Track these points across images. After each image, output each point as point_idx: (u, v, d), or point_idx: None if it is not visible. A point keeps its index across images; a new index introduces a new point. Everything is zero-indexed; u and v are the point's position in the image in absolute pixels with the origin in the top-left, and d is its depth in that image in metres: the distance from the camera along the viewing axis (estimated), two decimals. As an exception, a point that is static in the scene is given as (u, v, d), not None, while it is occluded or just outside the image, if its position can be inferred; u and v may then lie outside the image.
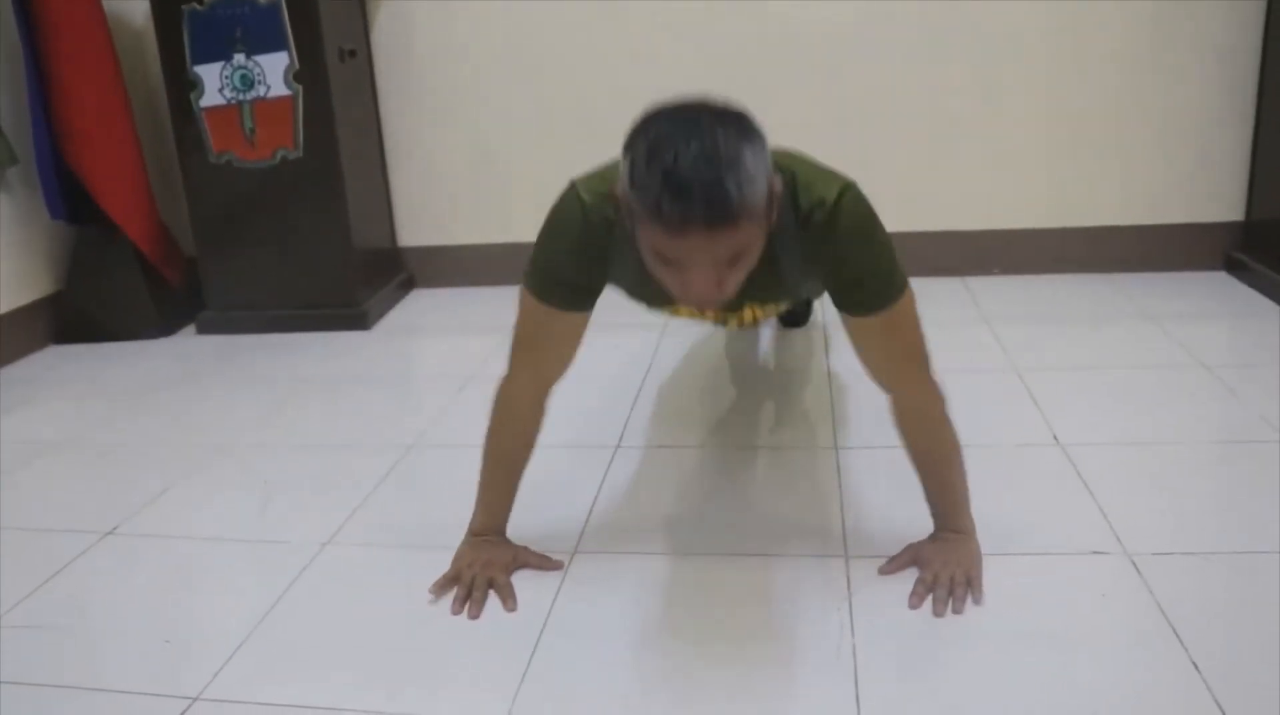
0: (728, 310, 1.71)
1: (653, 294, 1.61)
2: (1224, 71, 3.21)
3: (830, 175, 1.57)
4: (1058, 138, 3.33)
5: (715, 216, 1.27)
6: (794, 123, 3.37)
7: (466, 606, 1.68)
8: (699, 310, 1.79)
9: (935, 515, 1.74)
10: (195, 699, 1.50)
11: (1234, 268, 3.31)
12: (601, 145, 3.54)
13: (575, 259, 1.60)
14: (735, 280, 1.38)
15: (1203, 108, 3.25)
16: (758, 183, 1.30)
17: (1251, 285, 3.17)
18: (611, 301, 1.72)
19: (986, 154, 3.37)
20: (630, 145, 1.35)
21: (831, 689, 1.44)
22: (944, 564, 1.66)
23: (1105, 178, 3.36)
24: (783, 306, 1.93)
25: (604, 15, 3.38)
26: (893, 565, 1.72)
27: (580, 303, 1.64)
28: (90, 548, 1.98)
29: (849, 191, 1.53)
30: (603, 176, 1.56)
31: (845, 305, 1.59)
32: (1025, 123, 3.33)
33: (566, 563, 1.81)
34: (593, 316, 1.67)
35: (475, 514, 1.81)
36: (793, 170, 1.51)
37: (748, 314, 1.86)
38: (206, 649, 1.62)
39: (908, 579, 1.69)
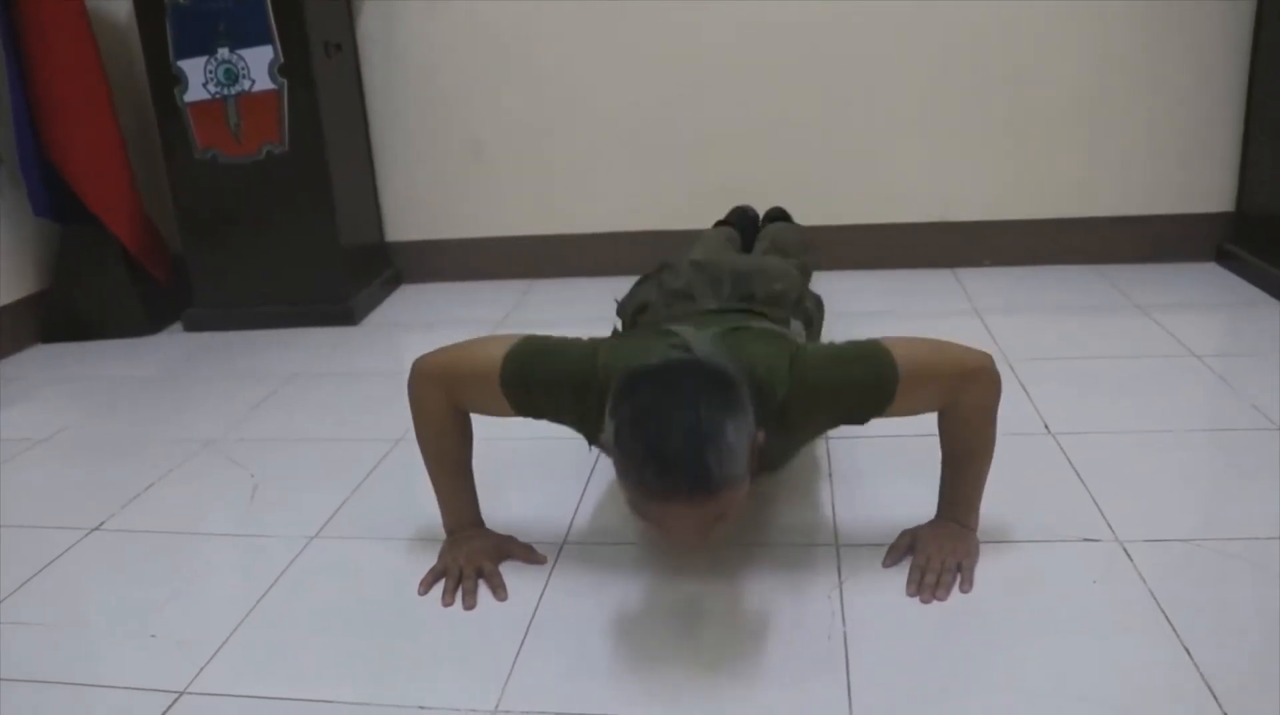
0: None
1: None
2: (1215, 63, 3.21)
3: (778, 348, 1.59)
4: (1047, 128, 3.33)
5: (697, 490, 1.30)
6: (782, 119, 3.39)
7: (459, 597, 1.67)
8: None
9: (944, 504, 1.73)
10: (182, 693, 1.48)
11: (1225, 258, 3.30)
12: (588, 140, 3.57)
13: (554, 404, 1.61)
14: (719, 532, 1.40)
15: (1194, 99, 3.25)
16: (739, 453, 1.33)
17: (1242, 276, 3.17)
18: (602, 293, 1.71)
19: (976, 145, 3.37)
20: (615, 408, 1.37)
21: (822, 675, 1.43)
22: (938, 549, 1.66)
23: (1096, 169, 3.35)
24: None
25: (590, 9, 3.37)
26: (892, 555, 1.71)
27: (529, 413, 1.64)
28: (77, 543, 1.96)
29: (795, 363, 1.54)
30: (622, 354, 1.56)
31: (872, 417, 1.59)
32: (1014, 114, 3.33)
33: (555, 553, 1.80)
34: (584, 308, 1.66)
35: (443, 516, 1.80)
36: (752, 365, 1.52)
37: None
38: (193, 643, 1.60)
39: (898, 567, 1.68)
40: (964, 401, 1.61)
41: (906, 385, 1.53)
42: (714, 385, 1.36)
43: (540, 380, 1.59)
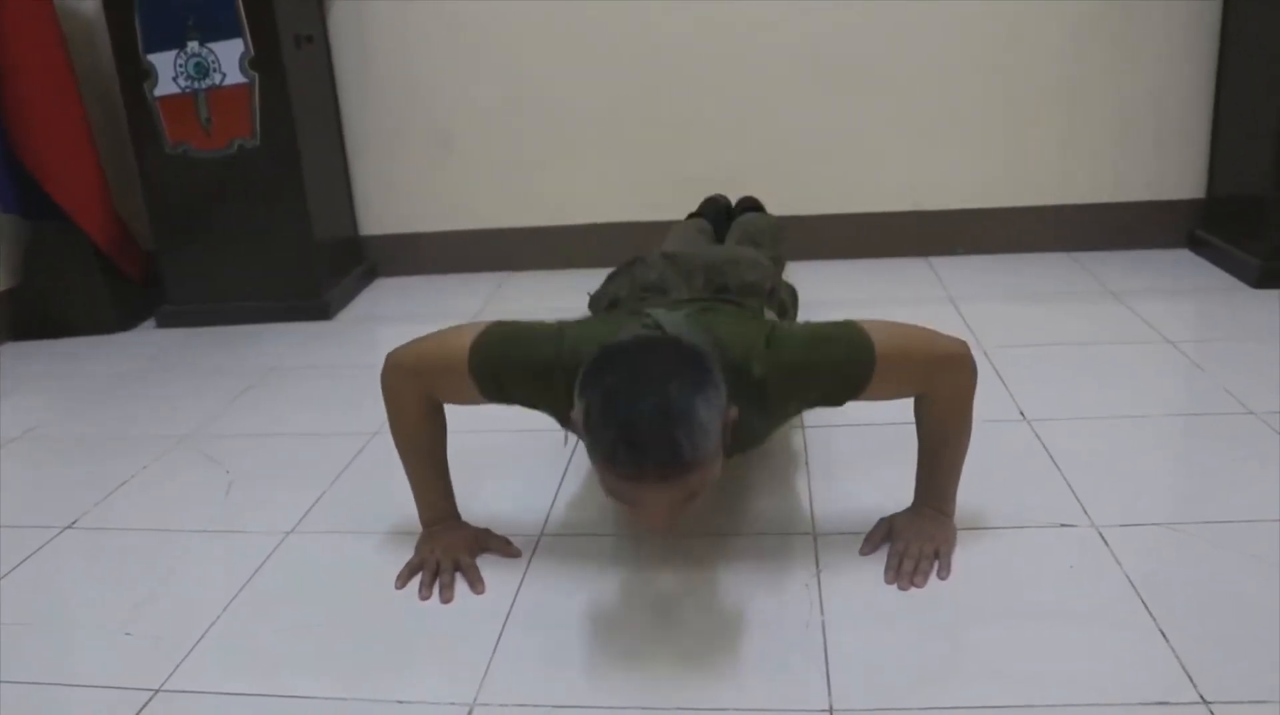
0: None
1: None
2: (1184, 48, 3.22)
3: (754, 327, 1.60)
4: (1020, 116, 3.34)
5: (668, 469, 1.30)
6: (756, 109, 3.39)
7: (437, 590, 1.67)
8: None
9: (921, 491, 1.73)
10: (157, 691, 1.47)
11: (1196, 245, 3.32)
12: (561, 131, 3.56)
13: (523, 390, 1.61)
14: (690, 511, 1.40)
15: (1164, 85, 3.26)
16: (710, 431, 1.32)
17: (1214, 262, 3.19)
18: (577, 284, 1.70)
19: (949, 133, 3.38)
20: (585, 388, 1.36)
21: (801, 664, 1.44)
22: (916, 535, 1.66)
23: (1068, 156, 3.37)
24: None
25: (564, 2, 3.35)
26: (870, 543, 1.71)
27: (498, 400, 1.63)
28: (49, 541, 1.95)
29: (771, 342, 1.54)
30: (590, 335, 1.55)
31: (848, 399, 1.58)
32: (987, 102, 3.33)
33: (532, 546, 1.79)
34: (559, 300, 1.65)
35: (419, 510, 1.80)
36: (726, 343, 1.52)
37: None
38: (169, 640, 1.59)
39: (876, 556, 1.69)
40: (940, 388, 1.62)
41: (883, 367, 1.53)
42: (685, 362, 1.35)
43: (508, 367, 1.59)
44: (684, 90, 3.40)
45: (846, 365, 1.54)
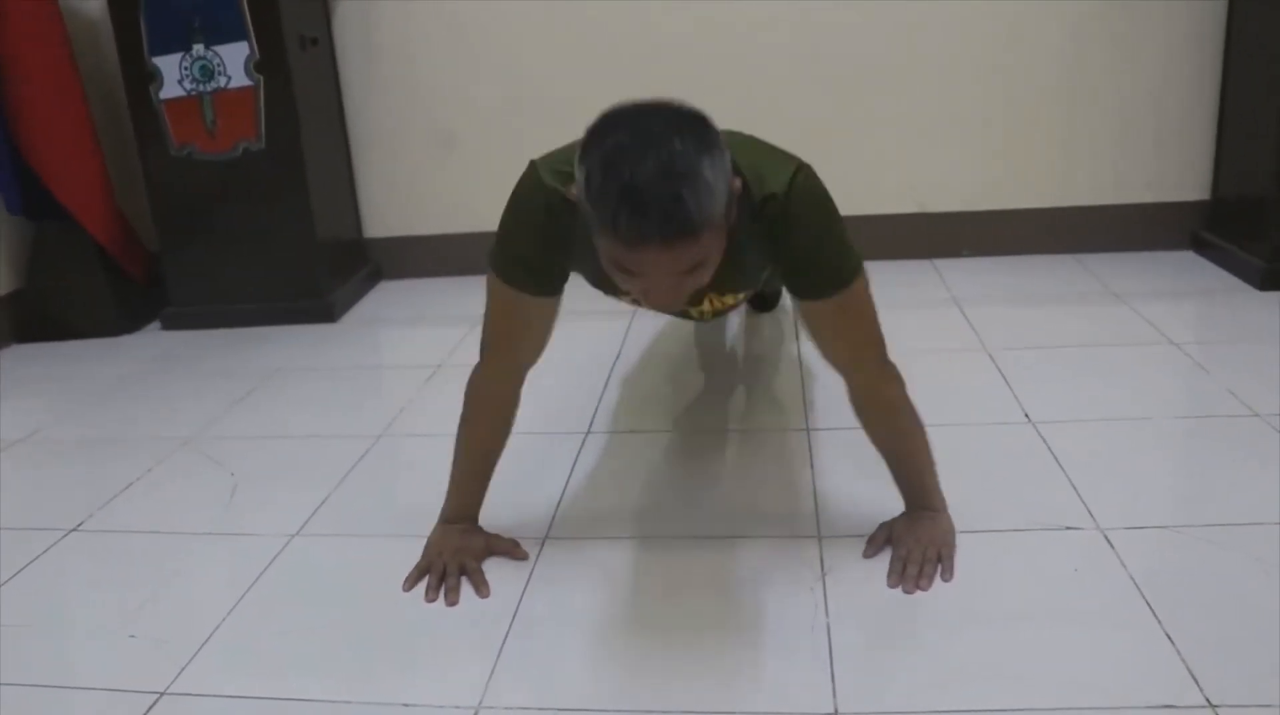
0: (687, 303, 1.72)
1: (613, 285, 1.60)
2: (1189, 50, 3.22)
3: (782, 159, 1.56)
4: (1022, 118, 3.34)
5: (673, 231, 1.25)
6: (759, 112, 3.37)
7: (442, 593, 1.67)
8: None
9: (907, 496, 1.74)
10: (162, 693, 1.47)
11: (1201, 246, 3.32)
12: (566, 133, 3.54)
13: (537, 244, 1.57)
14: (695, 284, 1.37)
15: (1166, 86, 3.26)
16: (716, 192, 1.28)
17: (1218, 263, 3.19)
18: (580, 287, 1.70)
19: (951, 135, 3.37)
20: (585, 154, 1.30)
21: (806, 666, 1.43)
22: (916, 540, 1.66)
23: (1072, 158, 3.36)
24: (743, 296, 1.93)
25: (566, 3, 3.36)
26: (871, 547, 1.71)
27: (546, 288, 1.61)
28: (55, 544, 1.95)
29: (800, 176, 1.51)
30: (565, 158, 1.51)
31: (799, 290, 1.58)
32: (989, 103, 3.33)
33: (538, 549, 1.80)
34: (564, 300, 1.65)
35: (448, 502, 1.79)
36: (744, 159, 1.49)
37: (706, 305, 1.85)
38: (174, 643, 1.59)
39: (880, 558, 1.69)
40: (868, 385, 1.64)
41: (844, 301, 1.53)
42: (687, 124, 1.30)
43: (520, 246, 1.58)
44: (685, 91, 3.32)
45: (833, 260, 1.53)
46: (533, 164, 1.59)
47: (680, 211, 1.24)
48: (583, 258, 1.56)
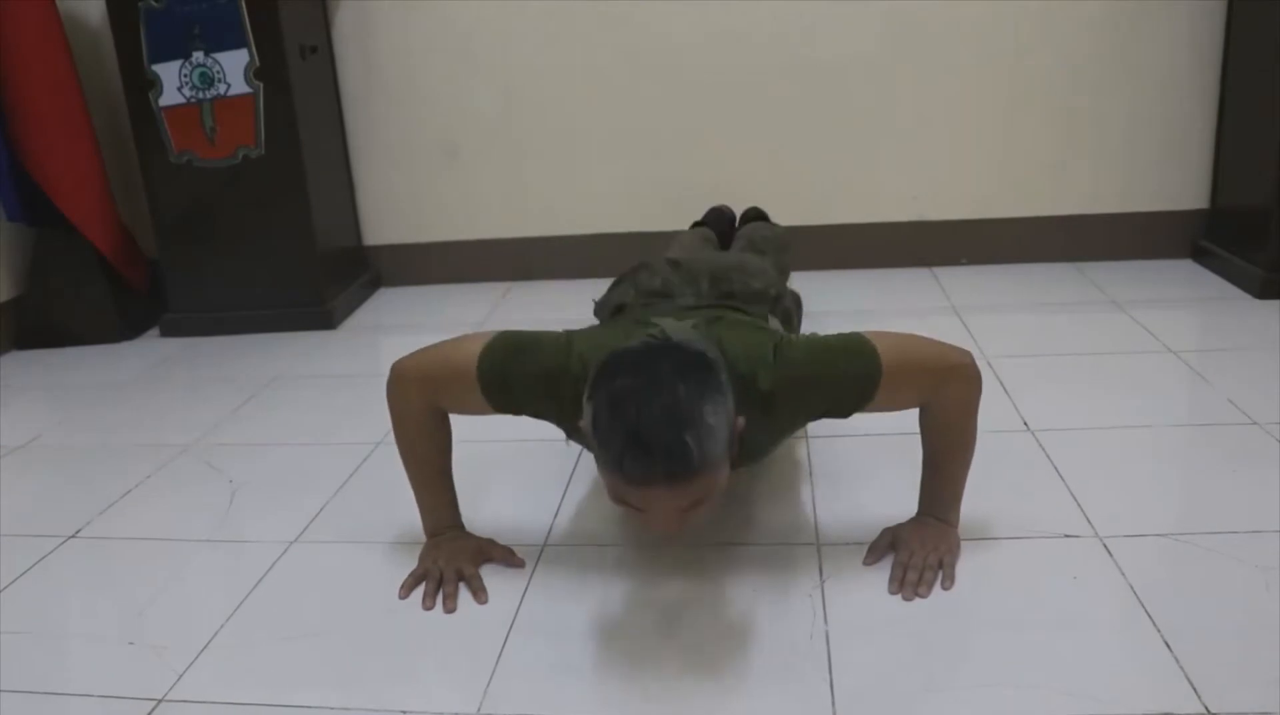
0: None
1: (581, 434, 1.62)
2: (1188, 61, 3.22)
3: (760, 337, 1.60)
4: (1022, 127, 3.34)
5: (676, 473, 1.30)
6: (760, 120, 3.39)
7: (440, 600, 1.66)
8: None
9: (925, 501, 1.73)
10: (160, 700, 1.47)
11: (1200, 255, 3.32)
12: (565, 143, 3.56)
13: (532, 400, 1.61)
14: (696, 518, 1.40)
15: (1168, 98, 3.26)
16: (718, 434, 1.33)
17: (1217, 272, 3.19)
18: (581, 295, 1.70)
19: (952, 144, 3.38)
20: (594, 392, 1.36)
21: (805, 675, 1.43)
22: (920, 545, 1.66)
23: (1071, 167, 3.37)
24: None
25: (566, 11, 3.36)
26: (874, 554, 1.71)
27: (505, 409, 1.64)
28: (54, 551, 1.95)
29: (777, 358, 1.54)
30: (598, 343, 1.55)
31: (855, 411, 1.59)
32: (990, 113, 3.34)
33: (536, 556, 1.79)
34: (564, 311, 1.65)
35: (423, 521, 1.79)
36: (733, 355, 1.52)
37: None
38: (172, 650, 1.59)
39: (879, 566, 1.69)
40: (945, 398, 1.61)
41: (889, 379, 1.53)
42: (692, 368, 1.35)
43: (517, 376, 1.59)
44: (688, 101, 3.40)
45: (853, 378, 1.54)
46: (570, 337, 1.62)
47: (683, 454, 1.29)
48: (559, 420, 1.63)
